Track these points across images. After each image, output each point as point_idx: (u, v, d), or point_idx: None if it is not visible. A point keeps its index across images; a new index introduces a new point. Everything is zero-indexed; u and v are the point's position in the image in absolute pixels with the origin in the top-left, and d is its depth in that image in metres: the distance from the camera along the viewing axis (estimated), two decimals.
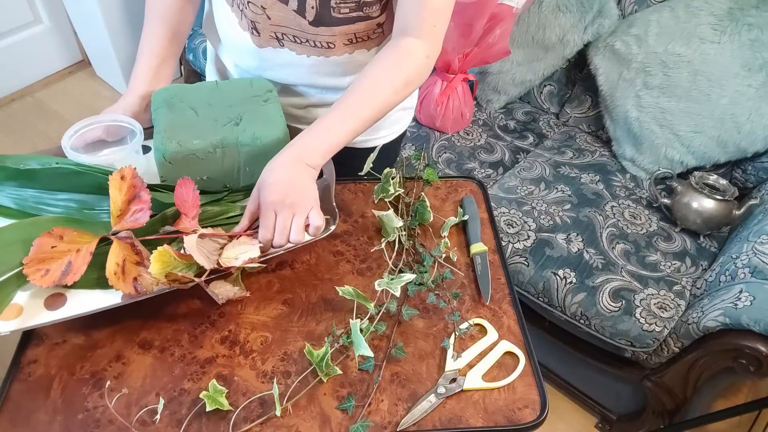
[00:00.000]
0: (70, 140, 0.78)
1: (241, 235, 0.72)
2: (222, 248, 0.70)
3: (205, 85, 0.84)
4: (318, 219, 0.72)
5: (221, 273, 0.70)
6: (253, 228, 0.74)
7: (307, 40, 0.81)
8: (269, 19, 0.79)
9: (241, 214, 0.76)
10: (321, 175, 0.82)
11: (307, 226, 0.72)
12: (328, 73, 0.86)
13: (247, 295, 0.73)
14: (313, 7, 0.77)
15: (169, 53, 0.87)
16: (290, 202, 0.71)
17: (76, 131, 0.79)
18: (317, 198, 0.74)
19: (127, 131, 0.81)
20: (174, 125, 0.76)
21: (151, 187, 0.74)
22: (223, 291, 0.69)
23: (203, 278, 0.67)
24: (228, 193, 0.81)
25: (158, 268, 0.64)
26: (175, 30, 0.87)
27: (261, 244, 0.71)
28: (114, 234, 0.67)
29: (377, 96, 0.77)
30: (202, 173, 0.77)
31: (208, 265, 0.66)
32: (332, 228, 0.75)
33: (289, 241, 0.71)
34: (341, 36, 0.81)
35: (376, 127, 0.99)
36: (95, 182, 0.72)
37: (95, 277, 0.67)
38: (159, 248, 0.64)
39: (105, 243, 0.67)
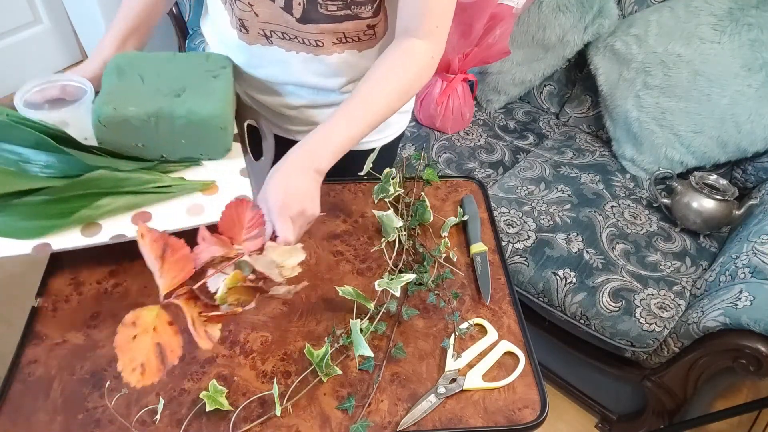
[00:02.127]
0: (24, 96, 0.80)
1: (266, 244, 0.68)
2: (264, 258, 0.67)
3: (162, 55, 0.84)
4: (288, 233, 0.71)
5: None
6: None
7: (296, 37, 0.81)
8: (257, 16, 0.79)
9: (172, 186, 0.77)
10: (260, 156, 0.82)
11: (275, 237, 0.69)
12: (318, 73, 0.86)
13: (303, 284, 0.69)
14: (300, 4, 0.76)
15: (141, 26, 0.89)
16: (309, 215, 0.71)
17: (29, 89, 0.81)
18: (319, 208, 0.74)
19: (82, 91, 0.83)
20: (116, 90, 0.77)
21: (85, 148, 0.75)
22: (284, 290, 0.66)
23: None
24: (159, 162, 0.80)
25: (231, 296, 0.62)
26: (151, 8, 0.89)
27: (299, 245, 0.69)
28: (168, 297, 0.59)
29: (383, 99, 0.77)
30: (137, 140, 0.77)
31: (279, 278, 0.65)
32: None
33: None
34: (329, 34, 0.80)
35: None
36: (31, 137, 0.73)
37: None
38: (231, 275, 0.61)
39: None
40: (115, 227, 0.72)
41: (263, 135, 0.85)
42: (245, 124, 0.87)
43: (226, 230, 0.65)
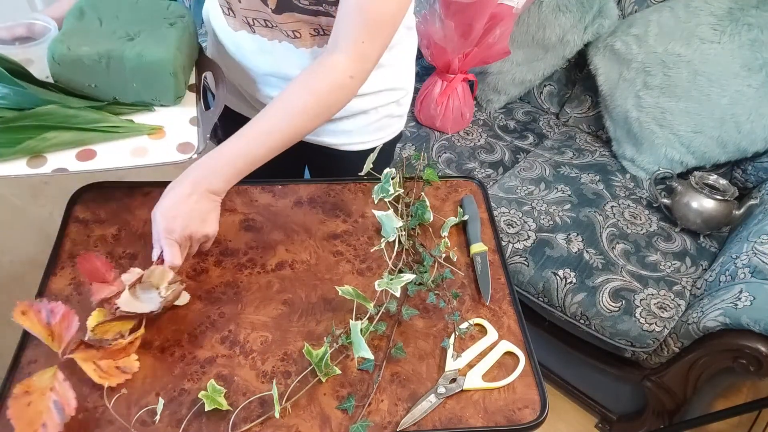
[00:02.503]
0: None
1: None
2: (146, 282, 0.69)
3: (125, 0, 0.87)
4: (208, 245, 0.74)
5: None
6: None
7: (276, 26, 0.81)
8: (239, 2, 0.80)
9: (119, 126, 0.78)
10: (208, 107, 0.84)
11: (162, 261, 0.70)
12: (300, 65, 0.85)
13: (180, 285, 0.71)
14: None
15: None
16: (191, 232, 0.71)
17: None
18: (215, 228, 0.75)
19: (50, 31, 0.86)
20: (73, 30, 0.80)
21: (41, 84, 0.78)
22: (160, 299, 0.68)
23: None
24: (110, 104, 0.82)
25: (107, 332, 0.65)
26: None
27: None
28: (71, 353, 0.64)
29: (290, 122, 0.74)
30: (90, 81, 0.80)
31: (155, 308, 0.67)
32: (195, 156, 0.76)
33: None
34: (306, 25, 0.80)
35: (359, 132, 0.99)
36: None
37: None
38: (91, 316, 0.65)
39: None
40: (58, 161, 0.75)
41: (216, 84, 0.86)
42: (204, 76, 0.89)
43: (95, 278, 0.68)
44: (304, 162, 1.17)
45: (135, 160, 0.77)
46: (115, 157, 0.77)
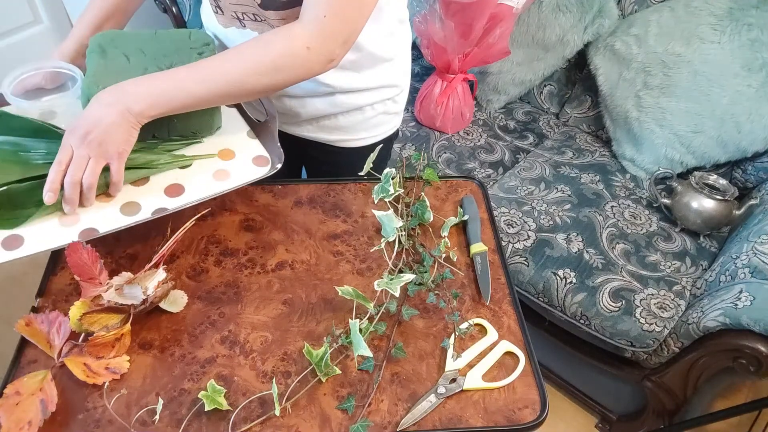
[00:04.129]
0: (11, 86, 0.78)
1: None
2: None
3: (144, 33, 0.83)
4: (117, 174, 0.68)
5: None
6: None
7: (264, 20, 0.81)
8: None
9: (170, 162, 0.75)
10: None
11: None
12: None
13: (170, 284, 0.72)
14: None
15: (118, 11, 0.88)
16: (89, 140, 0.66)
17: (16, 77, 0.79)
18: (125, 149, 0.69)
19: (67, 77, 0.81)
20: (103, 70, 0.75)
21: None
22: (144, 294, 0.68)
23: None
24: (160, 142, 0.80)
25: (92, 325, 0.65)
26: None
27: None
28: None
29: (236, 72, 0.71)
30: None
31: (137, 302, 0.67)
32: (278, 166, 0.75)
33: (81, 184, 0.67)
34: (292, 19, 0.77)
35: (354, 128, 0.99)
36: (29, 126, 0.72)
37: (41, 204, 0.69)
38: (73, 306, 0.65)
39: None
40: (154, 202, 0.73)
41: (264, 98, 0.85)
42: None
43: (82, 274, 0.68)
44: (301, 163, 1.17)
45: (223, 184, 0.75)
46: (202, 186, 0.75)
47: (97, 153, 0.67)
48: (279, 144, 0.80)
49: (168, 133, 0.80)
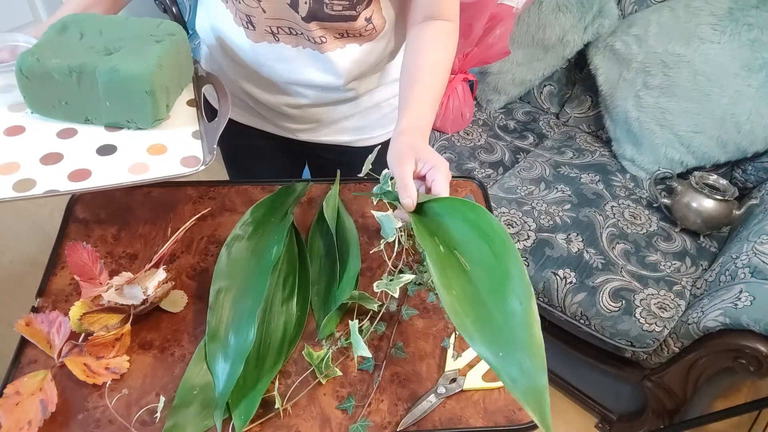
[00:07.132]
0: None
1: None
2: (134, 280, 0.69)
3: (114, 18, 0.81)
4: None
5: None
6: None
7: (302, 33, 0.81)
8: (264, 12, 0.79)
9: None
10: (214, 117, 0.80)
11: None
12: (323, 69, 0.86)
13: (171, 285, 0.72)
14: (306, 3, 0.76)
15: (103, 2, 0.87)
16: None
17: None
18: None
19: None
20: (48, 43, 0.73)
21: None
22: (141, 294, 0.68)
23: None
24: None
25: (93, 325, 0.65)
26: None
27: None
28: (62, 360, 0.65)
29: (440, 78, 0.81)
30: (61, 97, 0.73)
31: (137, 302, 0.67)
32: (201, 168, 0.73)
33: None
34: (332, 31, 0.81)
35: (371, 126, 1.00)
36: None
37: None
38: (73, 306, 0.65)
39: None
40: (49, 182, 0.70)
41: (219, 98, 0.81)
42: (203, 90, 0.84)
43: (82, 274, 0.68)
44: (304, 162, 1.17)
45: (135, 177, 0.71)
46: (110, 175, 0.71)
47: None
48: (216, 146, 0.76)
49: (103, 117, 0.77)
